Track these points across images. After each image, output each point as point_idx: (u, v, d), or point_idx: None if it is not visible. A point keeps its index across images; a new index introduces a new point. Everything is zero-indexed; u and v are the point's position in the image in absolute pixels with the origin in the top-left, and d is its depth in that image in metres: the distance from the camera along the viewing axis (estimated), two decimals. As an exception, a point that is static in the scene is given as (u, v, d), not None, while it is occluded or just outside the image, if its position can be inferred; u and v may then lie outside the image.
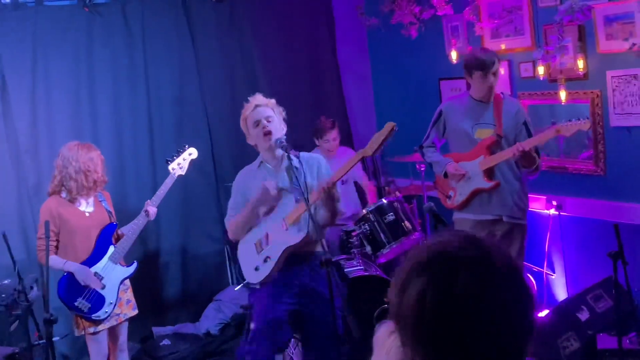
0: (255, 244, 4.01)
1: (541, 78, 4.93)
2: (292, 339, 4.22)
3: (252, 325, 4.00)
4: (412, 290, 1.20)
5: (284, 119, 3.98)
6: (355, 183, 6.10)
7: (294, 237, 3.87)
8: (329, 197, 3.80)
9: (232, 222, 4.11)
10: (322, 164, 4.04)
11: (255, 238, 4.03)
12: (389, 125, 3.67)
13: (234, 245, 4.36)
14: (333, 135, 5.72)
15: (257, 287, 3.97)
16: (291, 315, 3.99)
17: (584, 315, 4.46)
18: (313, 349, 4.06)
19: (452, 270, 1.19)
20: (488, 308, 1.16)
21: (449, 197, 4.67)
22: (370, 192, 5.99)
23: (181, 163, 4.71)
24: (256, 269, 3.98)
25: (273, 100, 3.98)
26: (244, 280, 4.02)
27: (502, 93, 4.56)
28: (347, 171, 3.84)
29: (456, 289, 1.17)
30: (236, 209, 4.08)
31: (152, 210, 4.52)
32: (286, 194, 3.91)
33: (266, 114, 3.90)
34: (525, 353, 1.22)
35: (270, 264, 3.91)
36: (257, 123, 3.88)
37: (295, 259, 3.93)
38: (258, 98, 3.99)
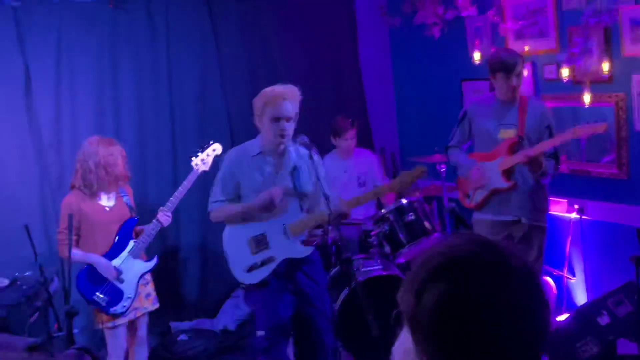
0: (248, 243, 3.94)
1: (565, 80, 4.89)
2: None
3: (260, 333, 3.99)
4: (430, 295, 1.20)
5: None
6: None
7: (300, 251, 3.87)
8: (336, 221, 3.76)
9: (219, 211, 3.99)
10: (322, 168, 4.02)
11: (247, 234, 3.96)
12: (419, 169, 3.70)
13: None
14: (351, 134, 5.68)
15: (244, 286, 3.96)
16: (291, 317, 4.03)
17: (604, 320, 4.42)
18: (307, 344, 4.09)
19: (471, 275, 1.18)
20: (507, 312, 1.16)
21: (468, 196, 4.66)
22: (387, 194, 5.92)
23: (205, 159, 4.72)
24: (249, 270, 3.91)
25: (299, 95, 3.87)
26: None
27: (528, 95, 4.54)
28: (366, 202, 3.84)
29: (475, 293, 1.17)
30: (226, 195, 3.95)
31: (164, 218, 4.51)
32: (286, 196, 3.88)
33: (290, 113, 3.79)
34: (539, 357, 1.22)
35: (268, 269, 3.89)
36: (276, 119, 3.79)
37: (290, 263, 3.95)
38: (290, 92, 3.84)
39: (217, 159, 4.77)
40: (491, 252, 1.22)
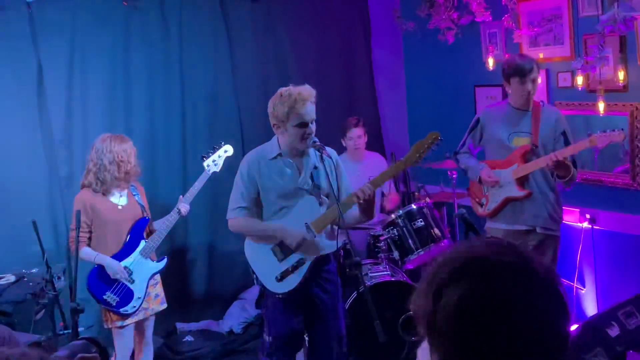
0: (273, 251, 3.81)
1: (579, 88, 4.84)
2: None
3: (267, 338, 3.94)
4: (450, 297, 1.17)
5: None
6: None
7: (328, 246, 3.79)
8: (369, 202, 3.71)
9: (241, 223, 3.86)
10: (339, 162, 3.93)
11: (270, 243, 3.85)
12: (432, 135, 3.63)
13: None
14: (357, 132, 5.63)
15: (281, 297, 3.81)
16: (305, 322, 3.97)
17: (613, 332, 4.37)
18: (318, 350, 4.02)
19: (493, 276, 1.15)
20: (529, 315, 1.13)
21: (481, 204, 4.62)
22: (392, 200, 5.87)
23: (216, 160, 4.70)
24: (281, 278, 3.78)
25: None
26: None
27: (541, 102, 4.50)
28: (389, 178, 3.73)
29: (498, 295, 1.14)
30: (248, 201, 3.82)
31: (185, 208, 4.53)
32: (305, 195, 3.79)
33: (314, 114, 3.69)
34: None
35: (301, 273, 3.78)
36: (304, 125, 3.64)
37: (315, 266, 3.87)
38: (310, 92, 3.69)
39: (229, 161, 4.75)
40: (513, 255, 1.19)
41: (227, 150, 4.76)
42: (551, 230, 4.43)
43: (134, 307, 4.33)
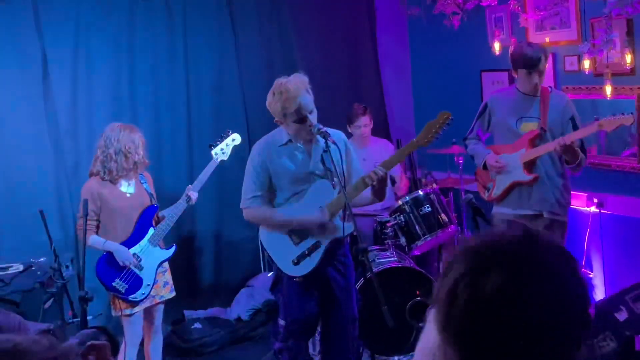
0: (289, 235, 3.83)
1: (586, 72, 4.81)
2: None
3: (281, 322, 3.95)
4: (451, 276, 1.16)
5: None
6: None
7: (343, 229, 3.79)
8: (381, 184, 3.70)
9: (258, 213, 3.85)
10: (348, 144, 3.93)
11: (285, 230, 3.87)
12: (443, 115, 3.61)
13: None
14: (364, 121, 5.61)
15: (298, 280, 3.82)
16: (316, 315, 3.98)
17: (622, 316, 4.36)
18: (333, 333, 4.03)
19: (488, 266, 1.13)
20: (554, 306, 1.11)
21: (487, 189, 4.61)
22: (403, 186, 5.87)
23: (224, 148, 4.69)
24: (297, 261, 3.80)
25: (307, 79, 3.70)
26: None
27: (550, 87, 4.47)
28: (400, 161, 3.71)
29: (487, 286, 1.11)
30: (261, 189, 3.81)
31: (194, 195, 4.52)
32: (317, 179, 3.79)
33: (311, 105, 3.66)
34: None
35: (317, 256, 3.79)
36: (302, 119, 3.62)
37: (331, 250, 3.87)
38: (302, 83, 3.64)
39: (235, 149, 4.75)
40: (526, 244, 1.17)
41: (234, 139, 4.74)
42: (558, 216, 4.42)
43: (143, 294, 4.34)
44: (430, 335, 1.37)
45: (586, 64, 4.77)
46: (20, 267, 4.69)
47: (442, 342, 1.19)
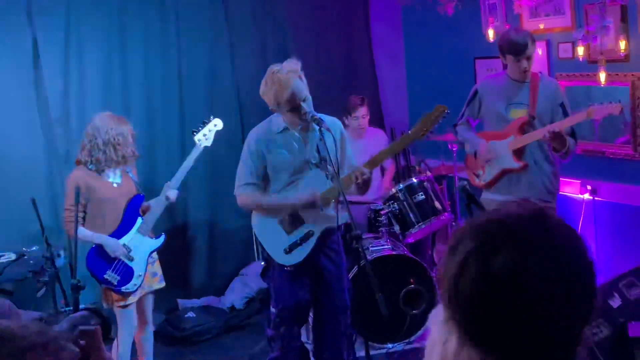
0: (281, 223, 3.82)
1: (580, 59, 4.80)
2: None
3: (273, 309, 3.94)
4: (461, 250, 1.14)
5: None
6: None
7: (338, 218, 3.78)
8: (365, 183, 3.70)
9: (250, 198, 3.85)
10: (344, 132, 3.92)
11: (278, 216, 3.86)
12: (439, 108, 3.59)
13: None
14: (362, 112, 5.60)
15: (290, 269, 3.83)
16: (308, 302, 3.98)
17: (615, 303, 4.37)
18: (325, 321, 4.03)
19: (498, 242, 1.12)
20: (530, 287, 1.09)
21: (477, 175, 4.60)
22: (388, 174, 5.85)
23: (207, 134, 4.62)
24: (289, 250, 3.80)
25: (300, 64, 3.69)
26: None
27: (540, 73, 4.46)
28: (395, 153, 3.70)
29: (497, 263, 1.10)
30: (256, 177, 3.80)
31: (172, 195, 4.42)
32: (312, 168, 3.76)
33: (305, 92, 3.64)
34: (575, 343, 1.16)
35: (309, 245, 3.79)
36: (295, 108, 3.61)
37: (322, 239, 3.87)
38: (294, 70, 3.63)
39: (228, 138, 4.71)
40: (535, 224, 1.14)
41: (216, 124, 4.67)
42: (546, 202, 4.41)
43: (135, 285, 4.29)
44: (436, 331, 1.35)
45: (580, 50, 4.76)
46: (13, 256, 4.67)
47: (448, 317, 1.18)
